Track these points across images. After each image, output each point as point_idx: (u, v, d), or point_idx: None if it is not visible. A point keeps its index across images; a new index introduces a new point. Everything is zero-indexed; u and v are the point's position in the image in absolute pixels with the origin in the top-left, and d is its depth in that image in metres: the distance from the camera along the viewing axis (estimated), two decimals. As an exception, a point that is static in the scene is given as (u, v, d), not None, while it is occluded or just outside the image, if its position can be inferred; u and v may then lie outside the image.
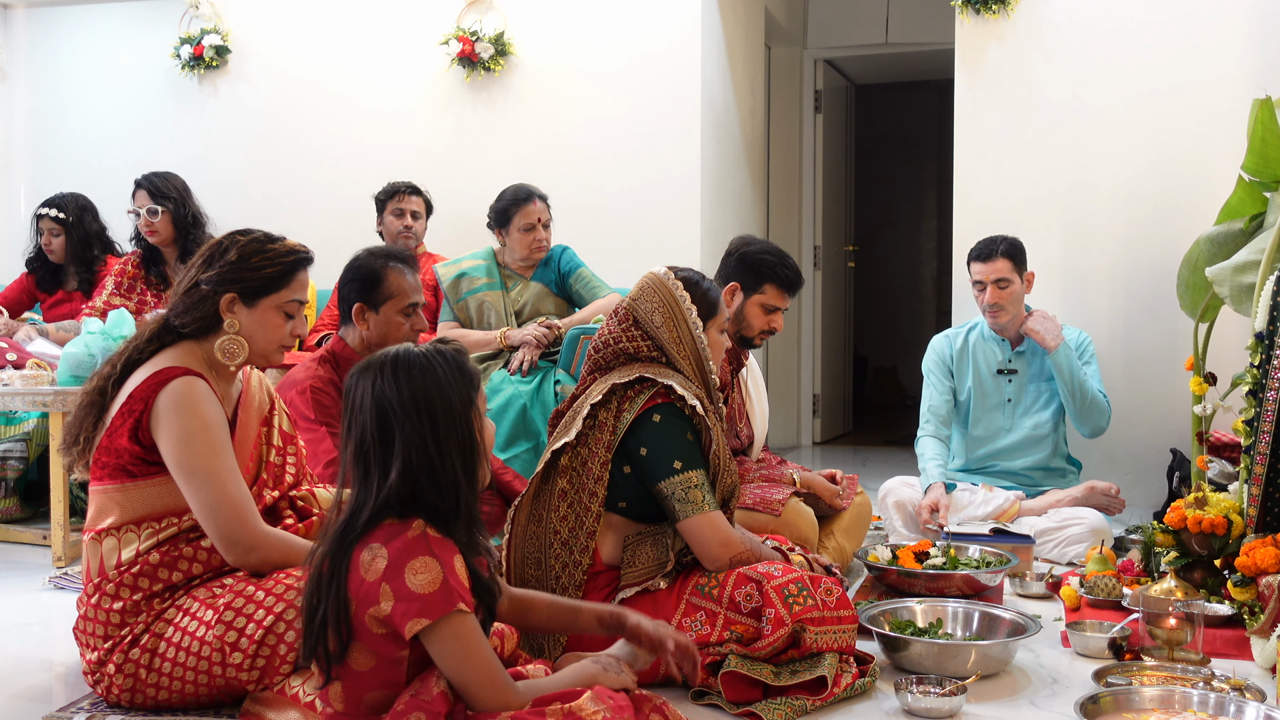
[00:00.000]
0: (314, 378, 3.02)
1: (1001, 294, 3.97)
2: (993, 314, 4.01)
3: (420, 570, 1.82)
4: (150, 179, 4.52)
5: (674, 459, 2.50)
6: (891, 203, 9.67)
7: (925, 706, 2.30)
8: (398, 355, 1.90)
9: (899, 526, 3.94)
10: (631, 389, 2.57)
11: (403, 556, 1.83)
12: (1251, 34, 4.46)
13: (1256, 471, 2.94)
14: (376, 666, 1.88)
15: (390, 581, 1.83)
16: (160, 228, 4.48)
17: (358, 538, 1.87)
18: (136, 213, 4.51)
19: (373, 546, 1.85)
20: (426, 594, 1.82)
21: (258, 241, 2.44)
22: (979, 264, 4.00)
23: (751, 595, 2.40)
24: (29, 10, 6.04)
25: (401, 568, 1.83)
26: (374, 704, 1.90)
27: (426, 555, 1.83)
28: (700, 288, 2.67)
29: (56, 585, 3.47)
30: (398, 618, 1.82)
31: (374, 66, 5.49)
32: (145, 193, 4.50)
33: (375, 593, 1.83)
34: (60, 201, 4.77)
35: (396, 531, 1.85)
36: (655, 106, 5.13)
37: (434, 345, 1.95)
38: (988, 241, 4.02)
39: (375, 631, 1.85)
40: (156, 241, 4.51)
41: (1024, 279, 4.03)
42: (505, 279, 4.35)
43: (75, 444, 2.38)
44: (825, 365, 6.97)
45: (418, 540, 1.84)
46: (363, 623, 1.85)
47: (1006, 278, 3.97)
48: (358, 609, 1.85)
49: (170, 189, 4.51)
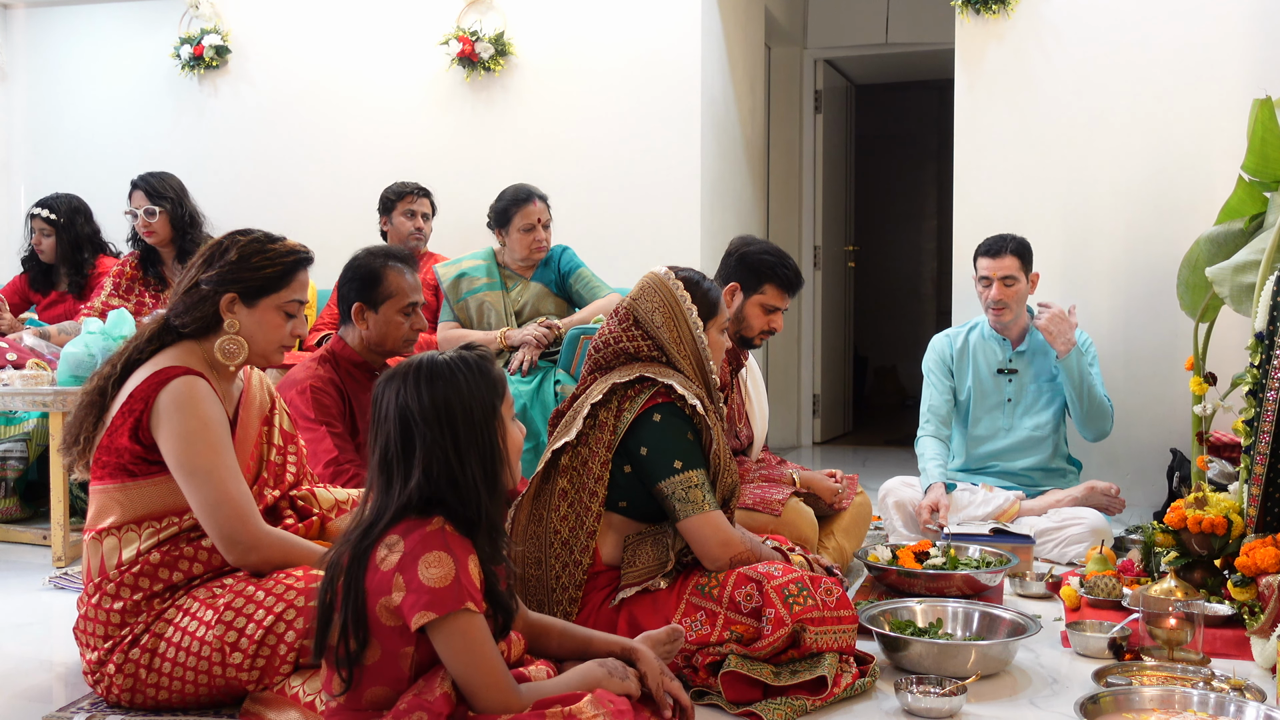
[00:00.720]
0: (314, 377, 3.02)
1: (1007, 292, 3.96)
2: (996, 311, 4.00)
3: (434, 564, 1.83)
4: (146, 179, 4.51)
5: (674, 459, 2.50)
6: (891, 203, 9.67)
7: (925, 706, 2.30)
8: (421, 363, 1.91)
9: (899, 526, 3.94)
10: (632, 388, 2.57)
11: (419, 548, 1.85)
12: (1251, 34, 4.46)
13: (1256, 471, 2.94)
14: (380, 661, 1.89)
15: (404, 572, 1.84)
16: (158, 228, 4.47)
17: (376, 540, 1.88)
18: (134, 213, 4.51)
19: (390, 540, 1.87)
20: (437, 588, 1.82)
21: (258, 241, 2.44)
22: (987, 259, 3.99)
23: (751, 595, 2.40)
24: (29, 10, 6.04)
25: (416, 559, 1.84)
26: (375, 700, 1.90)
27: (442, 550, 1.84)
28: (701, 288, 2.67)
29: (56, 585, 3.46)
30: (406, 609, 1.83)
31: (374, 66, 5.49)
32: (142, 193, 4.49)
33: (388, 583, 1.85)
34: (53, 202, 4.76)
35: (415, 526, 1.87)
36: (655, 106, 5.13)
37: (459, 352, 1.96)
38: (998, 238, 4.02)
39: (385, 623, 1.86)
40: (154, 242, 4.50)
41: (1029, 279, 4.03)
42: (505, 279, 4.35)
43: (75, 444, 2.38)
44: (825, 365, 6.97)
45: (435, 534, 1.86)
46: (374, 614, 1.86)
47: (1014, 275, 3.97)
48: (370, 599, 1.86)
49: (167, 189, 4.50)
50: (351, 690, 1.90)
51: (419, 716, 1.83)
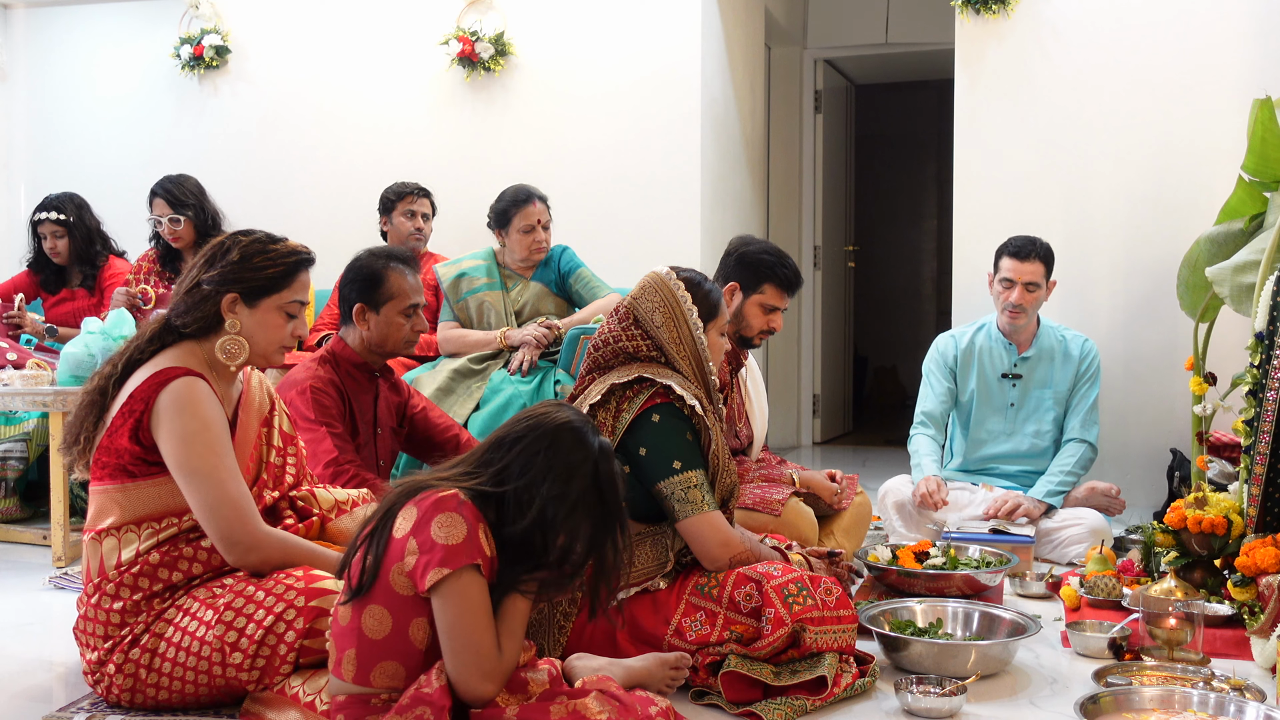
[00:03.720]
0: (314, 378, 3.02)
1: (1028, 297, 3.92)
2: (1012, 315, 3.95)
3: (446, 524, 1.89)
4: (166, 186, 4.52)
5: (673, 459, 2.50)
6: (891, 203, 9.67)
7: (925, 706, 2.30)
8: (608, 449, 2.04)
9: (899, 526, 3.93)
10: (630, 389, 2.57)
11: (432, 511, 1.91)
12: (1251, 34, 4.46)
13: (1256, 471, 2.94)
14: (391, 633, 1.92)
15: (417, 535, 1.90)
16: (183, 234, 4.53)
17: (424, 490, 1.95)
18: (157, 221, 4.52)
19: (407, 509, 1.93)
20: (450, 545, 1.87)
21: (259, 242, 2.45)
22: (1014, 261, 3.92)
23: (751, 595, 2.40)
24: (29, 10, 6.03)
25: (429, 521, 1.90)
26: (384, 676, 1.92)
27: (454, 513, 1.90)
28: (702, 289, 2.67)
29: (56, 585, 3.46)
30: (419, 571, 1.88)
31: (374, 66, 5.49)
32: (164, 202, 4.51)
33: (402, 548, 1.91)
34: (57, 203, 4.76)
35: (431, 494, 1.93)
36: (655, 106, 5.13)
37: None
38: (1026, 240, 3.94)
39: (399, 592, 1.91)
40: (179, 246, 4.56)
41: (1048, 286, 4.00)
42: (505, 279, 4.35)
43: (76, 444, 2.39)
44: (825, 365, 6.97)
45: (449, 499, 1.92)
46: (387, 581, 1.91)
47: (1037, 282, 3.92)
48: (385, 567, 1.91)
49: (187, 195, 4.53)
50: (360, 663, 1.93)
51: (421, 711, 1.84)
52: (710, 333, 2.68)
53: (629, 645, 2.44)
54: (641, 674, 2.27)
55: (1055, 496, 3.83)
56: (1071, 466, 3.89)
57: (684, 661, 2.32)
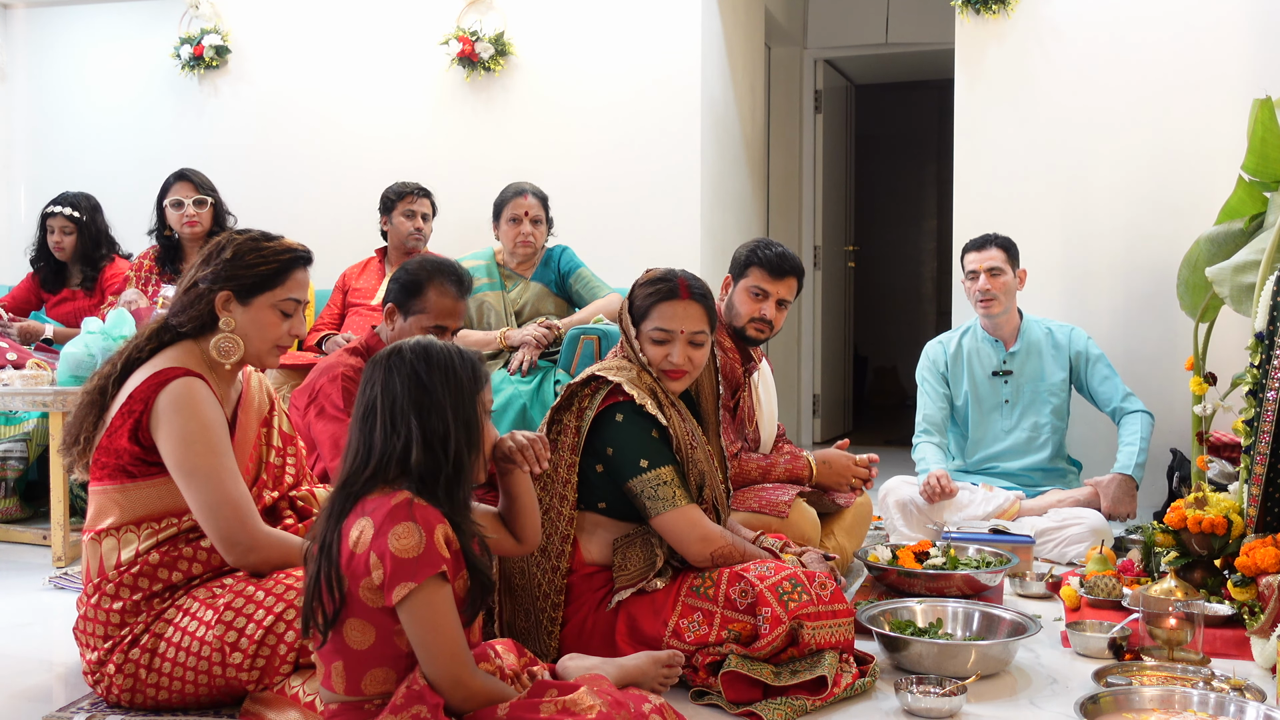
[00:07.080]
0: (346, 366, 3.04)
1: (995, 281, 3.99)
2: (985, 304, 4.02)
3: (403, 535, 1.87)
4: (188, 173, 4.57)
5: (639, 457, 2.50)
6: (891, 203, 9.67)
7: (925, 706, 2.30)
8: (419, 341, 2.04)
9: (899, 526, 3.94)
10: (587, 387, 2.60)
11: (386, 524, 1.88)
12: (1251, 34, 4.46)
13: (1256, 471, 2.94)
14: (376, 642, 1.91)
15: (376, 550, 1.87)
16: (204, 219, 4.53)
17: (356, 497, 1.93)
18: (179, 202, 4.50)
19: (360, 521, 1.91)
20: (409, 558, 1.86)
21: (253, 239, 2.45)
22: (972, 253, 4.06)
23: (747, 591, 2.40)
24: (29, 10, 6.03)
25: (385, 535, 1.87)
26: (375, 683, 1.92)
27: (408, 521, 1.88)
28: (641, 287, 2.66)
29: (56, 585, 3.46)
30: (387, 588, 1.86)
31: (374, 66, 5.49)
32: (190, 184, 4.53)
33: (365, 563, 1.88)
34: (73, 200, 4.79)
35: (382, 502, 1.91)
36: (655, 106, 5.13)
37: (448, 342, 2.08)
38: (981, 235, 4.11)
39: (371, 605, 1.89)
40: (196, 233, 4.53)
41: (1016, 274, 4.05)
42: (505, 279, 4.36)
43: (75, 444, 2.38)
44: (825, 365, 6.97)
45: (401, 507, 1.89)
46: (358, 597, 1.89)
47: (1000, 267, 4.01)
48: (351, 584, 1.89)
49: (208, 182, 4.59)
50: (349, 675, 1.92)
51: (417, 709, 1.84)
52: (645, 340, 2.63)
53: (628, 646, 2.44)
54: (635, 673, 2.27)
55: (1140, 469, 3.92)
56: (1145, 433, 3.96)
57: (677, 660, 2.32)
